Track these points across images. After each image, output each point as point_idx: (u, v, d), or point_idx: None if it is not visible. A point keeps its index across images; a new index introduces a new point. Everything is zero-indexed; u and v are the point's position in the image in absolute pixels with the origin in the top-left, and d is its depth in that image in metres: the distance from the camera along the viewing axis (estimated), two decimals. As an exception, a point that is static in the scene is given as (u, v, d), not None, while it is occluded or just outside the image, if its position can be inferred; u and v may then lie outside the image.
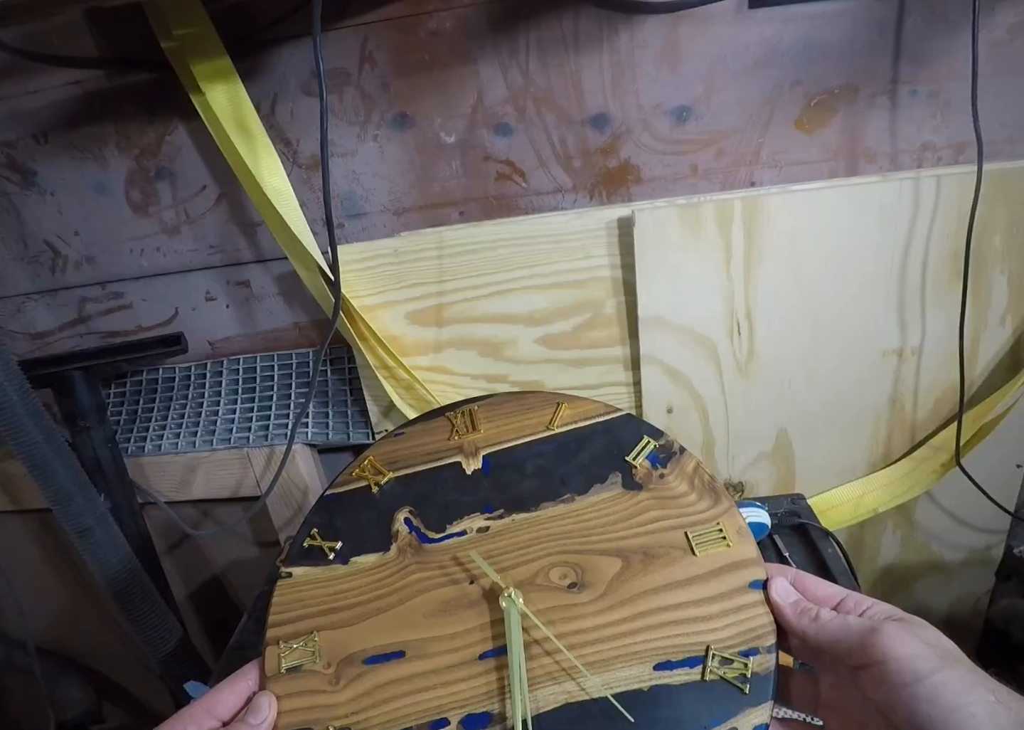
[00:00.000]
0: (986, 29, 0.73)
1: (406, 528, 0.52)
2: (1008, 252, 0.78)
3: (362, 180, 0.84)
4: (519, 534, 0.50)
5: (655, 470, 0.51)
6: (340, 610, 0.49)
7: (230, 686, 0.47)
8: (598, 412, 0.55)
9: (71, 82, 0.81)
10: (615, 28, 0.75)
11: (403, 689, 0.46)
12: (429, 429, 0.57)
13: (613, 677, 0.44)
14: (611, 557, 0.48)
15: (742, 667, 0.42)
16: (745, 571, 0.45)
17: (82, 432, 0.87)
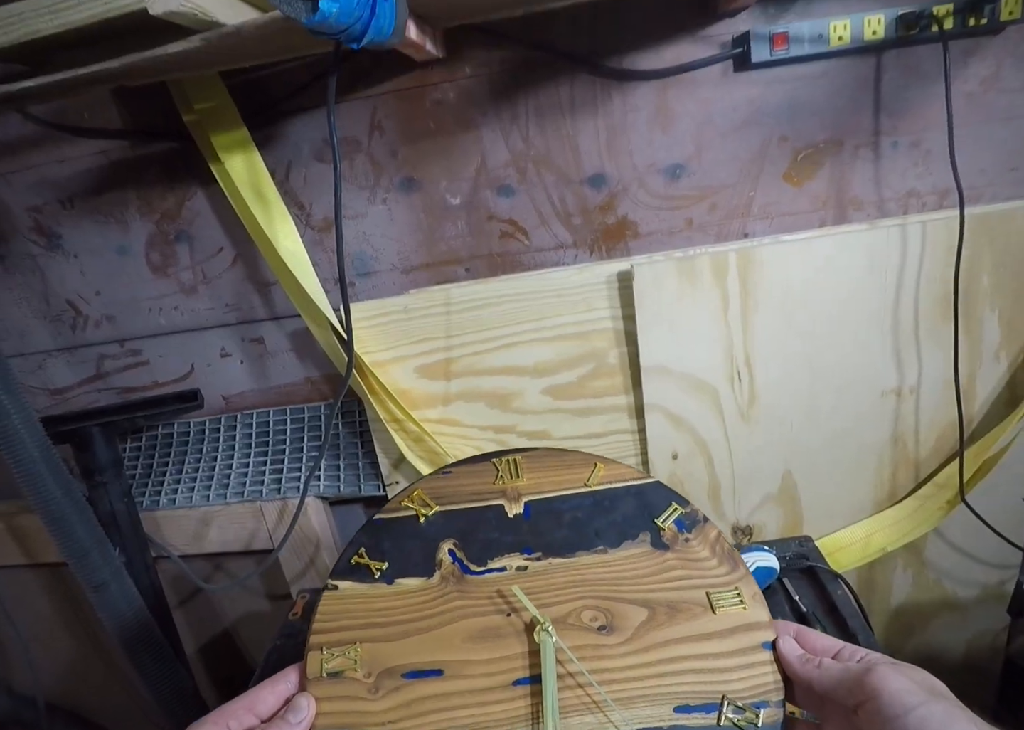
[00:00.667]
0: (960, 81, 0.78)
1: (449, 558, 0.56)
2: (996, 290, 0.81)
3: (372, 240, 0.87)
4: (555, 576, 0.55)
5: (681, 534, 0.56)
6: (383, 625, 0.53)
7: (271, 686, 0.49)
8: (631, 476, 0.59)
9: (97, 152, 0.86)
10: (608, 94, 0.79)
11: (439, 705, 0.49)
12: (475, 471, 0.61)
13: (636, 714, 0.48)
14: (638, 606, 0.53)
15: (753, 717, 0.47)
16: (758, 632, 0.50)
17: (99, 486, 0.88)
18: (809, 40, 0.75)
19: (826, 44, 0.75)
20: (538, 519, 0.58)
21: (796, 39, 0.75)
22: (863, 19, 0.74)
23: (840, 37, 0.74)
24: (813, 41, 0.75)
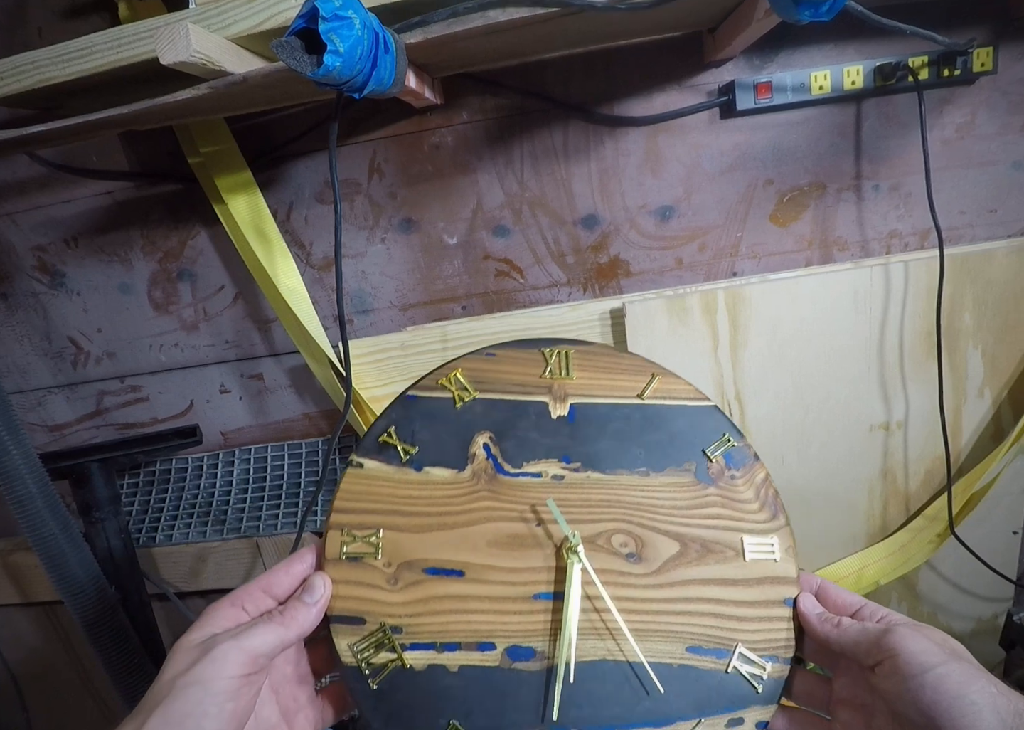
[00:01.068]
0: (937, 128, 0.81)
1: (484, 453, 0.52)
2: (978, 328, 0.83)
3: (370, 279, 0.90)
4: (591, 492, 0.52)
5: (728, 470, 0.53)
6: (407, 515, 0.50)
7: (286, 567, 0.47)
8: (688, 395, 0.55)
9: (103, 192, 0.88)
10: (601, 139, 0.82)
11: (458, 606, 0.48)
12: (521, 359, 0.56)
13: (649, 648, 0.48)
14: (671, 539, 0.51)
15: (761, 669, 0.48)
16: (783, 587, 0.50)
17: (96, 523, 0.88)
18: (792, 89, 0.78)
19: (808, 93, 0.78)
20: (582, 425, 0.53)
21: (779, 88, 0.78)
22: (842, 70, 0.77)
23: (821, 86, 0.78)
24: (795, 90, 0.78)
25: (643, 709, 0.47)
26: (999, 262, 0.81)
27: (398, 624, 0.47)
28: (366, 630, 0.47)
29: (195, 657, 0.40)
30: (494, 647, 0.47)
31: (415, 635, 0.47)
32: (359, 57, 0.52)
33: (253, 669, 0.41)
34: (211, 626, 0.43)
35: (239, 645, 0.40)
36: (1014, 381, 0.85)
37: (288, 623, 0.43)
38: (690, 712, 0.47)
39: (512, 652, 0.47)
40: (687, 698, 0.47)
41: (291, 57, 0.51)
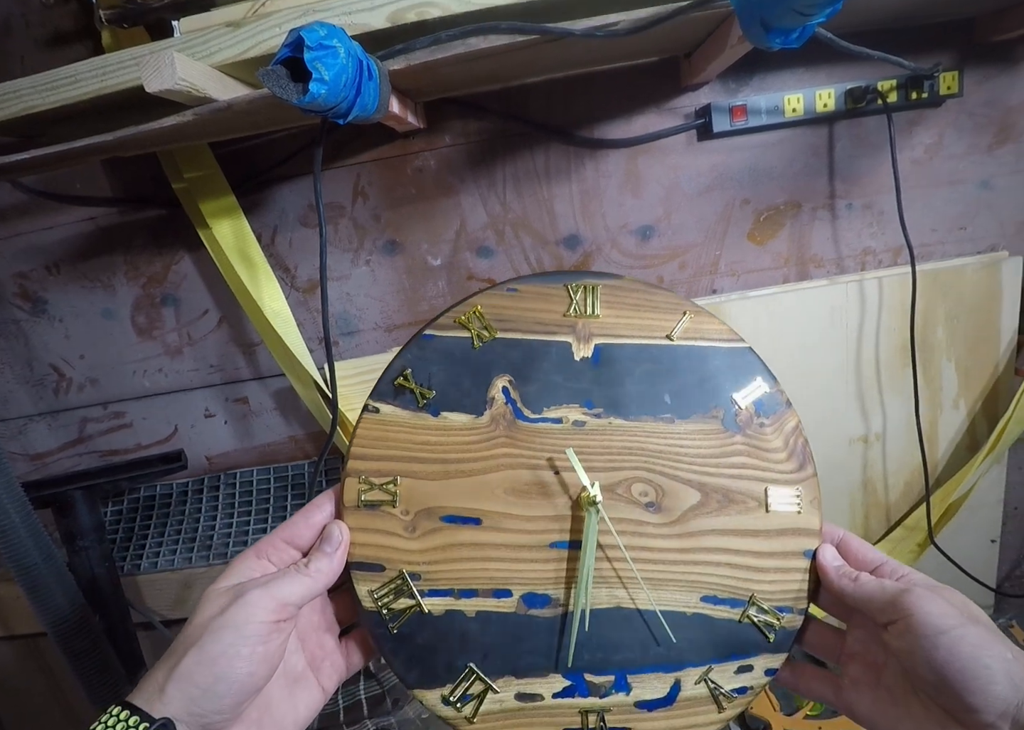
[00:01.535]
0: (906, 149, 0.84)
1: (503, 398, 0.51)
2: (951, 342, 0.86)
3: (355, 301, 0.90)
4: (612, 439, 0.50)
5: (757, 417, 0.51)
6: (424, 461, 0.49)
7: (305, 517, 0.47)
8: (721, 335, 0.52)
9: (85, 218, 0.88)
10: (582, 161, 0.84)
11: (475, 554, 0.48)
12: (545, 294, 0.53)
13: (663, 597, 0.48)
14: (692, 488, 0.50)
15: (774, 619, 0.48)
16: (804, 539, 0.49)
17: (80, 552, 0.87)
18: (766, 112, 0.81)
19: (781, 115, 0.81)
20: (606, 368, 0.51)
21: (754, 111, 0.80)
22: (815, 93, 0.80)
23: (794, 109, 0.80)
24: (770, 113, 0.81)
25: (654, 655, 0.48)
26: (969, 278, 0.83)
27: (416, 571, 0.48)
28: (385, 577, 0.47)
29: (226, 602, 0.41)
30: (510, 594, 0.48)
31: (433, 582, 0.48)
32: (344, 84, 0.53)
33: (282, 616, 0.42)
34: (239, 575, 0.44)
35: (269, 592, 0.41)
36: (987, 392, 0.88)
37: (315, 574, 0.44)
38: (701, 658, 0.48)
39: (528, 599, 0.48)
40: (699, 645, 0.48)
41: (277, 85, 0.51)
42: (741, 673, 0.48)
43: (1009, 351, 0.86)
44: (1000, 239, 0.88)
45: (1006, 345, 0.86)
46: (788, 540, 0.49)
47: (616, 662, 0.48)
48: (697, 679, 0.47)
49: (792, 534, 0.49)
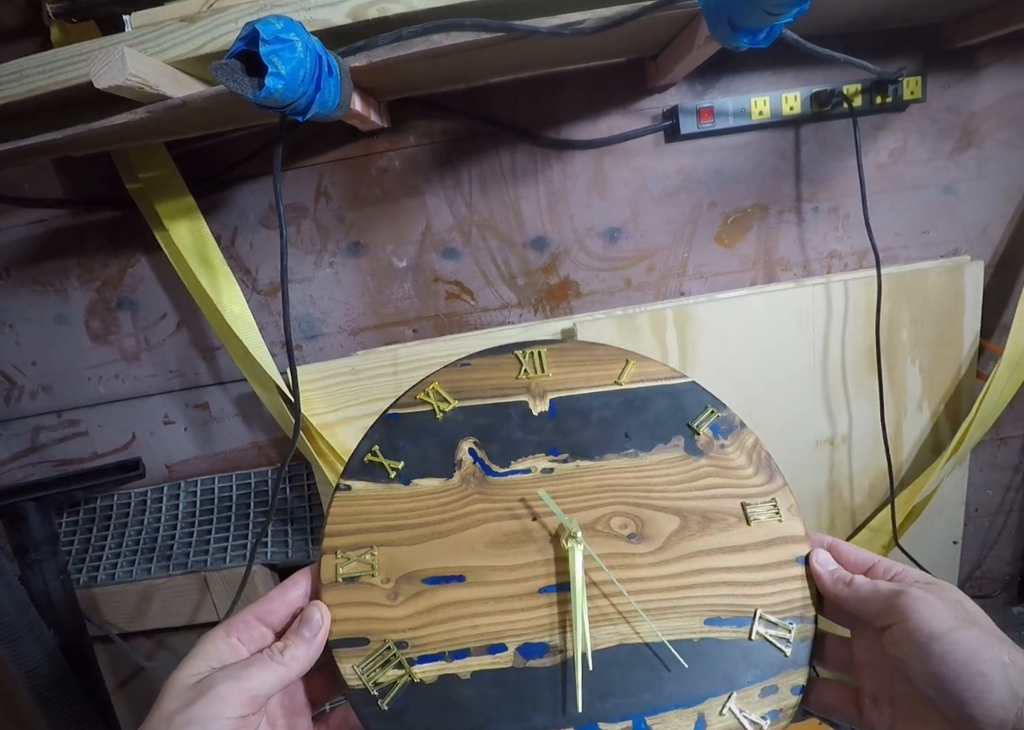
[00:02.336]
0: (872, 153, 0.84)
1: (470, 458, 0.52)
2: (915, 344, 0.86)
3: (319, 304, 0.88)
4: (583, 480, 0.51)
5: (716, 440, 0.53)
6: (400, 528, 0.49)
7: (281, 595, 0.45)
8: (664, 375, 0.56)
9: (35, 221, 0.85)
10: (548, 162, 0.83)
11: (462, 612, 0.47)
12: (496, 364, 0.56)
13: (667, 626, 0.47)
14: (670, 514, 0.50)
15: (786, 632, 0.46)
16: (794, 546, 0.49)
17: (33, 565, 0.84)
18: (733, 114, 0.80)
19: (748, 118, 0.81)
20: (564, 418, 0.53)
21: (721, 113, 0.80)
22: (781, 96, 0.80)
23: (761, 112, 0.80)
24: (736, 115, 0.80)
25: (671, 690, 0.45)
26: (932, 281, 0.84)
27: (403, 639, 0.46)
28: (370, 649, 0.45)
29: (193, 696, 0.38)
30: (505, 648, 0.46)
31: (422, 647, 0.46)
32: (302, 79, 0.52)
33: (252, 710, 0.39)
34: (206, 659, 0.41)
35: (239, 685, 0.39)
36: (950, 395, 0.88)
37: (289, 662, 0.42)
38: (720, 686, 0.45)
39: (524, 650, 0.46)
40: (714, 673, 0.46)
41: (231, 79, 0.49)
42: (767, 695, 0.45)
43: (971, 354, 0.87)
44: (963, 243, 0.89)
45: (968, 348, 0.87)
46: (777, 550, 0.49)
47: (631, 706, 0.45)
48: (720, 708, 0.44)
49: (780, 543, 0.49)
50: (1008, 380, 0.81)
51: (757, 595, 0.47)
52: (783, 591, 0.47)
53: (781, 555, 0.49)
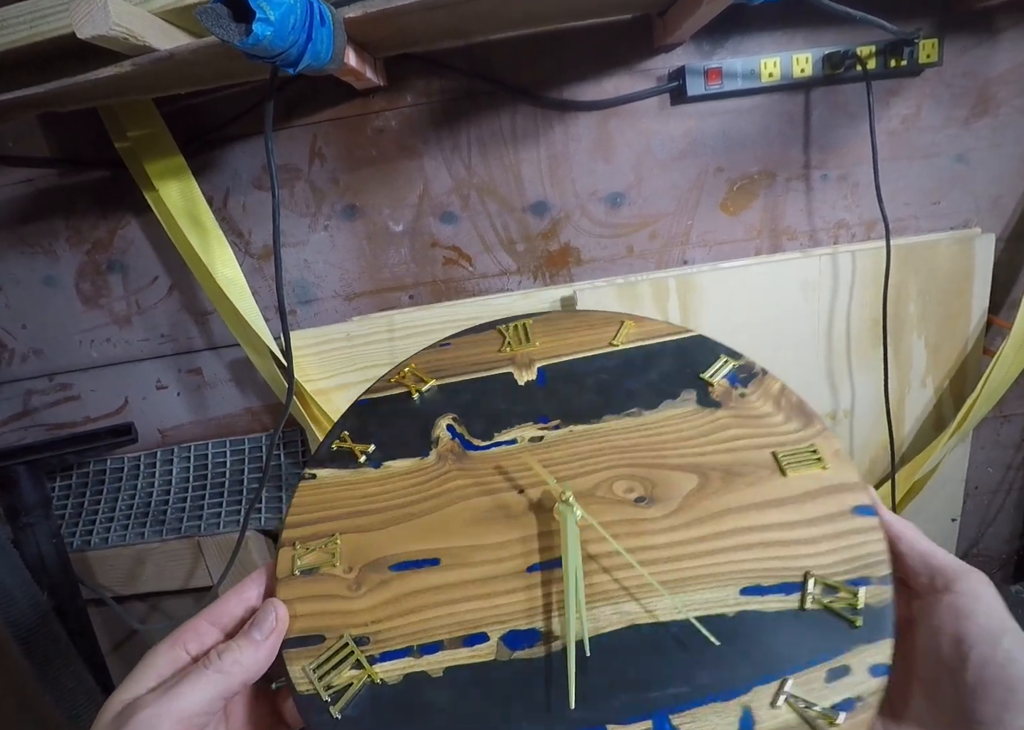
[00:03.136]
0: (883, 120, 0.81)
1: (448, 434, 0.47)
2: (922, 318, 0.85)
3: (313, 268, 0.86)
4: (578, 445, 0.46)
5: (735, 388, 0.47)
6: (367, 513, 0.44)
7: (237, 594, 0.41)
8: (667, 331, 0.50)
9: (22, 180, 0.82)
10: (550, 124, 0.80)
11: (435, 599, 0.41)
12: (477, 341, 0.52)
13: (690, 599, 0.38)
14: (686, 472, 0.43)
15: (850, 597, 0.37)
16: (847, 495, 0.41)
17: (25, 528, 0.84)
18: (742, 76, 0.77)
19: (758, 80, 0.78)
20: (555, 385, 0.48)
21: (729, 74, 0.77)
22: (792, 57, 0.77)
23: (771, 74, 0.77)
24: (745, 77, 0.78)
25: (702, 680, 0.36)
26: (942, 253, 0.82)
27: (363, 634, 0.39)
28: (324, 647, 0.39)
29: (116, 727, 0.33)
30: (486, 638, 0.39)
31: (385, 642, 0.39)
32: (292, 27, 0.49)
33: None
34: (145, 678, 0.36)
35: (165, 708, 0.33)
36: (955, 371, 0.87)
37: (229, 669, 0.36)
38: (769, 671, 0.36)
39: (510, 639, 0.38)
40: (759, 654, 0.36)
41: (217, 25, 0.47)
42: (835, 679, 0.35)
43: (979, 330, 0.85)
44: (974, 215, 0.86)
45: (976, 323, 0.85)
46: (826, 501, 0.41)
47: (650, 701, 0.35)
48: (773, 699, 0.35)
49: (828, 493, 0.41)
50: (1015, 357, 0.80)
51: (806, 555, 0.39)
52: (840, 548, 0.39)
53: (832, 506, 0.41)
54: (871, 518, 0.40)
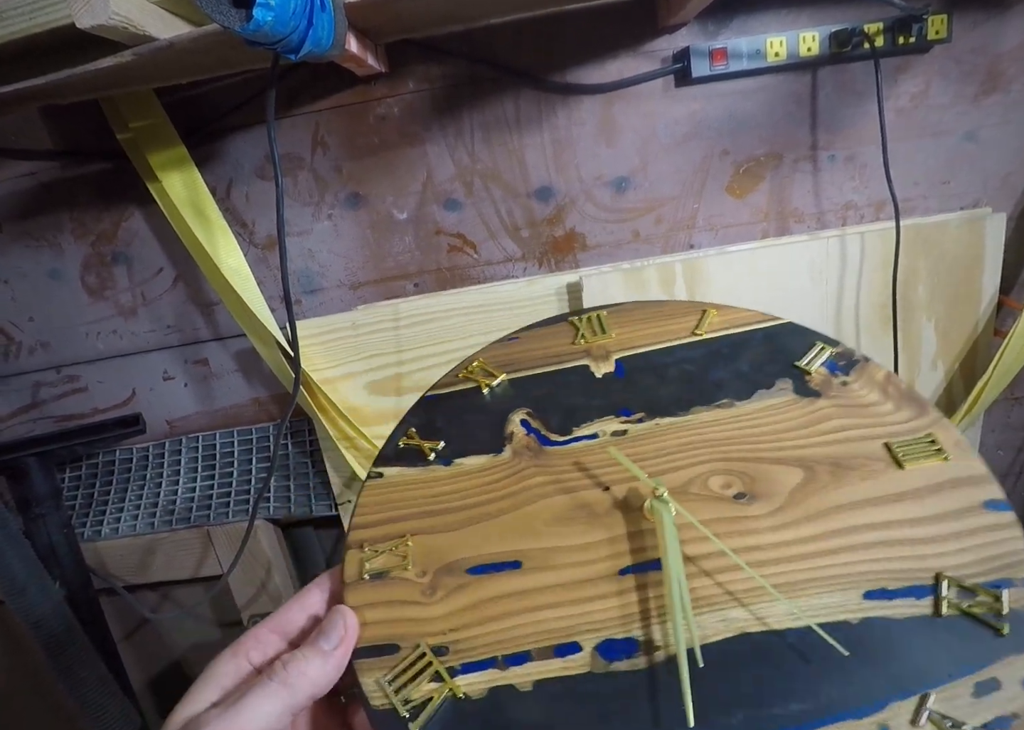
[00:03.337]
0: (891, 98, 0.80)
1: (523, 430, 0.45)
2: (932, 300, 0.84)
3: (318, 257, 0.86)
4: (666, 439, 0.43)
5: (835, 377, 0.44)
6: (440, 513, 0.42)
7: (300, 601, 0.39)
8: (755, 319, 0.48)
9: (25, 174, 0.82)
10: (553, 109, 0.80)
11: (519, 605, 0.37)
12: (548, 334, 0.50)
13: (808, 605, 0.35)
14: (789, 466, 0.40)
15: (992, 601, 0.34)
16: (975, 489, 0.38)
17: (36, 519, 0.85)
18: (747, 56, 0.76)
19: (764, 60, 0.76)
20: (635, 377, 0.46)
21: (735, 55, 0.76)
22: (798, 36, 0.76)
23: (777, 53, 0.76)
24: (751, 57, 0.76)
25: (829, 695, 0.33)
26: (951, 234, 0.81)
27: (442, 643, 0.36)
28: (400, 658, 0.36)
29: None
30: (579, 648, 0.36)
31: (466, 653, 0.36)
32: (292, 12, 0.49)
33: None
34: (207, 691, 0.34)
35: (229, 726, 0.31)
36: (965, 353, 0.86)
37: (295, 681, 0.33)
38: (906, 685, 0.32)
39: (605, 649, 0.35)
40: (893, 665, 0.33)
41: (217, 11, 0.46)
42: (984, 694, 0.32)
43: (989, 311, 0.84)
44: (983, 194, 0.85)
45: (986, 304, 0.84)
46: (951, 495, 0.38)
47: (773, 719, 0.32)
48: (913, 716, 0.31)
49: (952, 486, 0.38)
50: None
51: (934, 555, 0.36)
52: (974, 547, 0.36)
53: (959, 501, 0.38)
54: (1006, 513, 0.37)
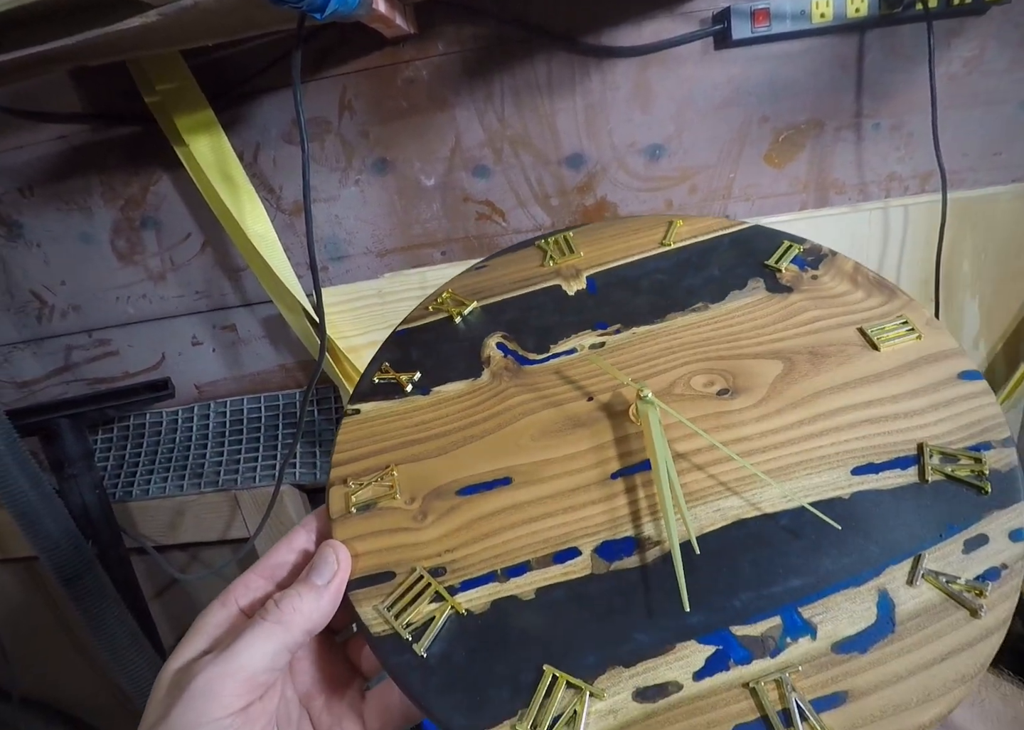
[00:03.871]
0: (943, 63, 0.76)
1: (500, 352, 0.45)
2: (977, 277, 0.80)
3: (344, 224, 0.85)
4: (644, 346, 0.44)
5: (804, 272, 0.45)
6: (423, 441, 0.42)
7: (287, 544, 0.38)
8: (721, 226, 0.49)
9: (56, 137, 0.82)
10: (587, 72, 0.77)
11: (511, 520, 0.38)
12: (517, 259, 0.50)
13: (799, 486, 0.36)
14: (767, 360, 0.42)
15: (973, 463, 0.36)
16: (948, 362, 0.40)
17: (69, 479, 0.87)
18: (791, 17, 0.73)
19: (808, 21, 0.73)
20: (608, 292, 0.46)
21: (778, 15, 0.73)
22: (846, -5, 0.72)
23: (823, 14, 0.72)
24: (795, 18, 0.73)
25: (827, 568, 0.34)
26: (1002, 208, 0.77)
27: (438, 565, 0.36)
28: (396, 584, 0.36)
29: (173, 697, 0.30)
30: (578, 552, 0.36)
31: (464, 571, 0.36)
32: (317, -33, 0.48)
33: (253, 695, 0.31)
34: (197, 642, 0.33)
35: (225, 670, 0.30)
36: (1009, 334, 0.83)
37: (289, 618, 0.32)
38: (900, 549, 0.34)
39: (604, 551, 0.36)
40: (885, 533, 0.34)
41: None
42: (974, 550, 0.33)
43: (1038, 289, 0.81)
44: (1037, 166, 0.81)
45: (1035, 282, 0.81)
46: (927, 370, 0.39)
47: (773, 597, 0.33)
48: (909, 577, 0.33)
49: (928, 362, 0.40)
50: (1076, 317, 0.76)
51: (916, 426, 0.37)
52: (952, 416, 0.37)
53: (935, 375, 0.39)
54: (979, 382, 0.39)
